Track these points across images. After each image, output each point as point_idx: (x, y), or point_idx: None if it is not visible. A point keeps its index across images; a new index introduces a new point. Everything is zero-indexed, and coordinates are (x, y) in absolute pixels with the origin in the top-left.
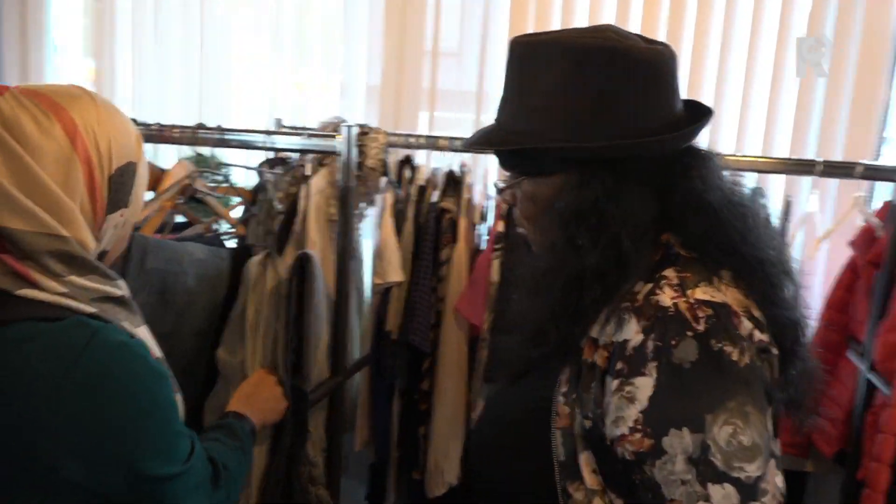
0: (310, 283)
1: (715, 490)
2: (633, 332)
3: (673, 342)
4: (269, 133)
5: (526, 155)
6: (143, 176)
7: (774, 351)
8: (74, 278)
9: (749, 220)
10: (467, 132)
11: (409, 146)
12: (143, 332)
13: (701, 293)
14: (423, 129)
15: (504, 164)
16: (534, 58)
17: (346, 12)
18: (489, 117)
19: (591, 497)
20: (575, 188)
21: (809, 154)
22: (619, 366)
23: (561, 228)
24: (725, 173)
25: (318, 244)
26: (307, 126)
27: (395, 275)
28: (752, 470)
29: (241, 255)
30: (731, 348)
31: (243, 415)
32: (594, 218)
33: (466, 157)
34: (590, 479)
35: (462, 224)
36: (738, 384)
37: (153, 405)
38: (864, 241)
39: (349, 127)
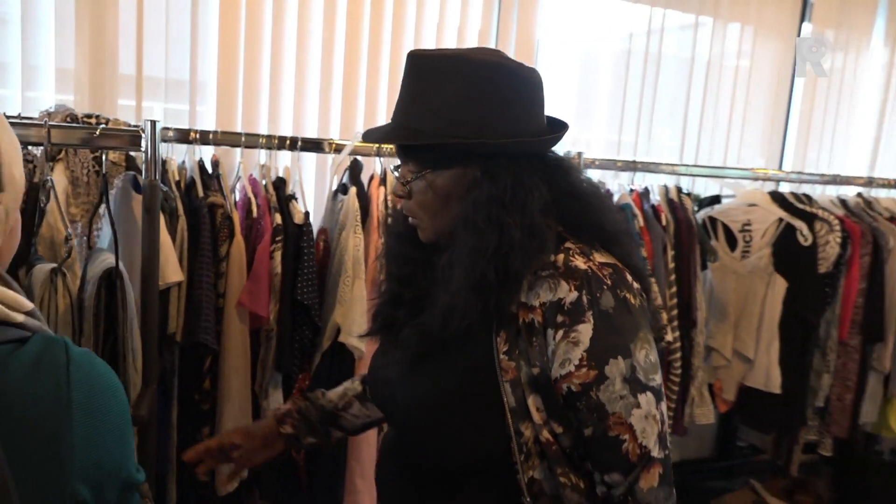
0: (122, 300)
1: (642, 398)
2: (566, 292)
3: (598, 294)
4: (47, 126)
5: (432, 150)
6: (9, 153)
7: (644, 296)
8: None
9: (604, 203)
10: (182, 123)
11: None
12: None
13: (599, 257)
14: (129, 120)
15: (409, 158)
16: (436, 69)
17: None
18: (206, 108)
19: (538, 431)
20: (485, 178)
21: None
22: (559, 319)
23: (481, 211)
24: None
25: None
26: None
27: (175, 274)
28: (658, 379)
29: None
30: (629, 294)
31: None
32: (507, 200)
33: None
34: (536, 416)
35: (237, 218)
36: (640, 319)
37: (127, 408)
38: None
39: (152, 122)
